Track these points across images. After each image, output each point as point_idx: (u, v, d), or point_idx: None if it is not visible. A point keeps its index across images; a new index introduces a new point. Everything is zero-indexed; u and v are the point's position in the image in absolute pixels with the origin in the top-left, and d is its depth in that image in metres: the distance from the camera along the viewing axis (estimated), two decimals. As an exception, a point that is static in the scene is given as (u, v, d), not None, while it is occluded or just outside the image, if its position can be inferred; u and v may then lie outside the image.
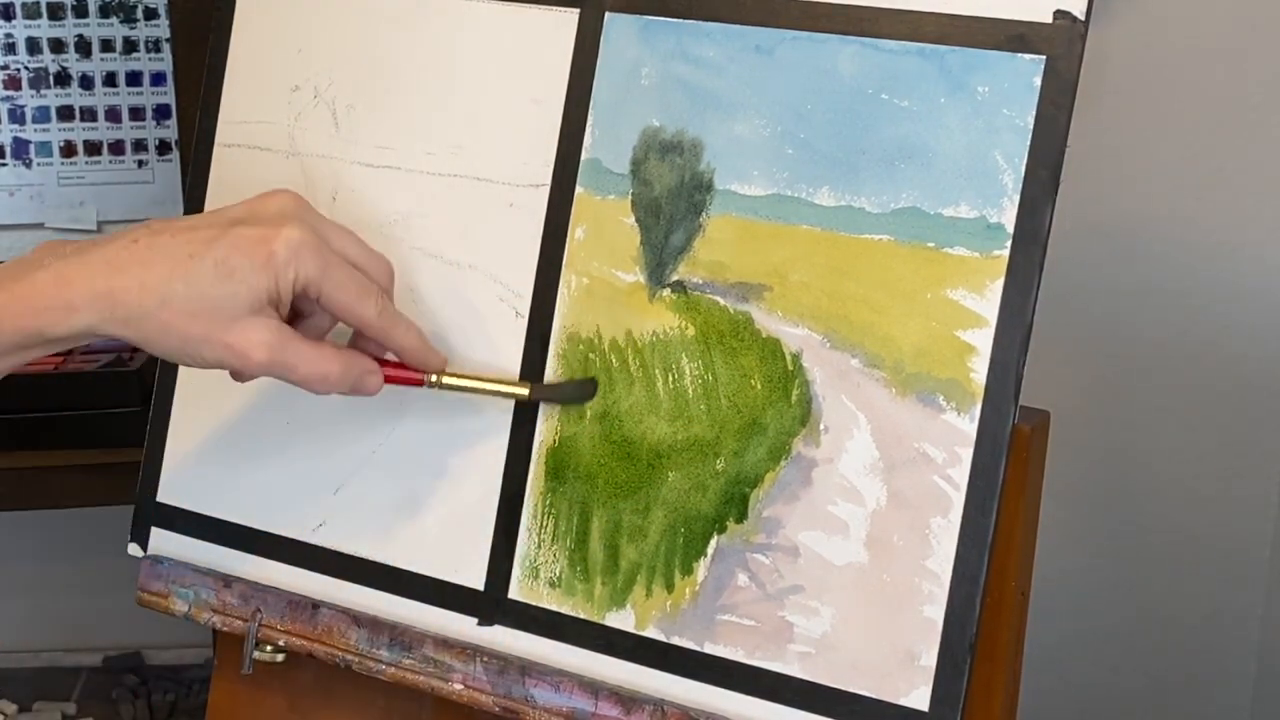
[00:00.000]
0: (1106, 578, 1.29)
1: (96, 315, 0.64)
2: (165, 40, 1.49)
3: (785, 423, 0.70)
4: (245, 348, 0.65)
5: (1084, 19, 0.66)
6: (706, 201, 0.73)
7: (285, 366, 0.67)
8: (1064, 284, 1.11)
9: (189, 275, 0.64)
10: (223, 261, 0.64)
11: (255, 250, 0.65)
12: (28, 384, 1.22)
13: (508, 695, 0.75)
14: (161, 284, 0.64)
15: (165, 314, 0.64)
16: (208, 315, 0.64)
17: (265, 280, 0.65)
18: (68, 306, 0.63)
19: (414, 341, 0.71)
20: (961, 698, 0.66)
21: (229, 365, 0.66)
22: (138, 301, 0.64)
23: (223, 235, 0.65)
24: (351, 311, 0.69)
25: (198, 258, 0.64)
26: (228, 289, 0.64)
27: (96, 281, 0.64)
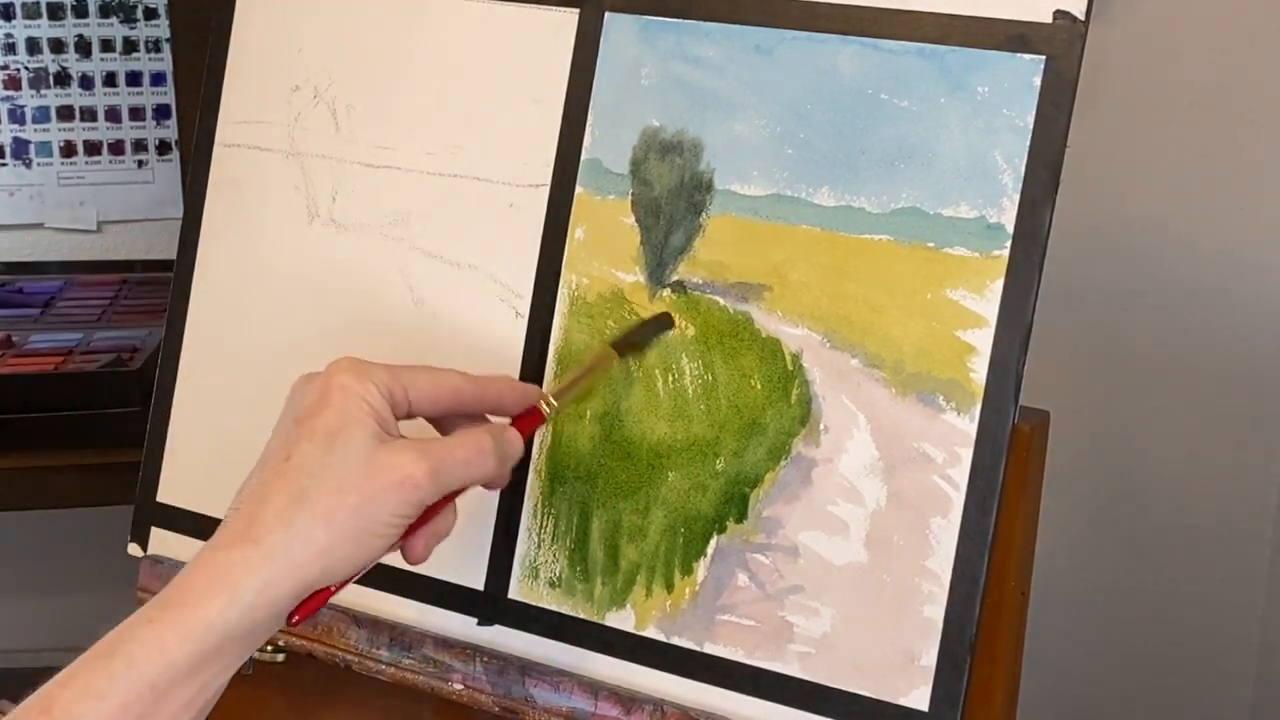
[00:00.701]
0: (1106, 578, 1.29)
1: (259, 574, 0.59)
2: (165, 40, 1.49)
3: (785, 423, 0.70)
4: (405, 472, 0.60)
5: (1084, 19, 0.66)
6: (706, 201, 0.73)
7: (449, 462, 0.62)
8: (1064, 284, 1.11)
9: (302, 468, 0.60)
10: (314, 434, 0.61)
11: (329, 401, 0.61)
12: (28, 384, 1.22)
13: (508, 695, 0.75)
14: (290, 497, 0.60)
15: (318, 512, 0.59)
16: (349, 479, 0.60)
17: (358, 410, 0.61)
18: (230, 587, 0.58)
19: (509, 382, 0.69)
20: (961, 698, 0.66)
21: (407, 506, 0.61)
22: (285, 526, 0.59)
23: (296, 425, 0.62)
24: (441, 388, 0.65)
25: (295, 454, 0.61)
26: (341, 445, 0.61)
27: (235, 550, 0.59)
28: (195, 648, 0.57)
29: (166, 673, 0.57)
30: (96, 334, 1.33)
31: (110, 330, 1.35)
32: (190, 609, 0.58)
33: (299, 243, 0.83)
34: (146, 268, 1.52)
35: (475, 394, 0.67)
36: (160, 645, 0.57)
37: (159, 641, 0.57)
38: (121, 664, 0.57)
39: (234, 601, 0.58)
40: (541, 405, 0.69)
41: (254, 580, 0.59)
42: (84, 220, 1.53)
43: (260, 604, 0.59)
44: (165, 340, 0.86)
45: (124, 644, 0.57)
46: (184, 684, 0.58)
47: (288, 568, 0.59)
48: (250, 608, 0.58)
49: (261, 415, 0.83)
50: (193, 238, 0.86)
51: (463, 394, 0.66)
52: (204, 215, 0.86)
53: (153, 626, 0.58)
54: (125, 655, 0.57)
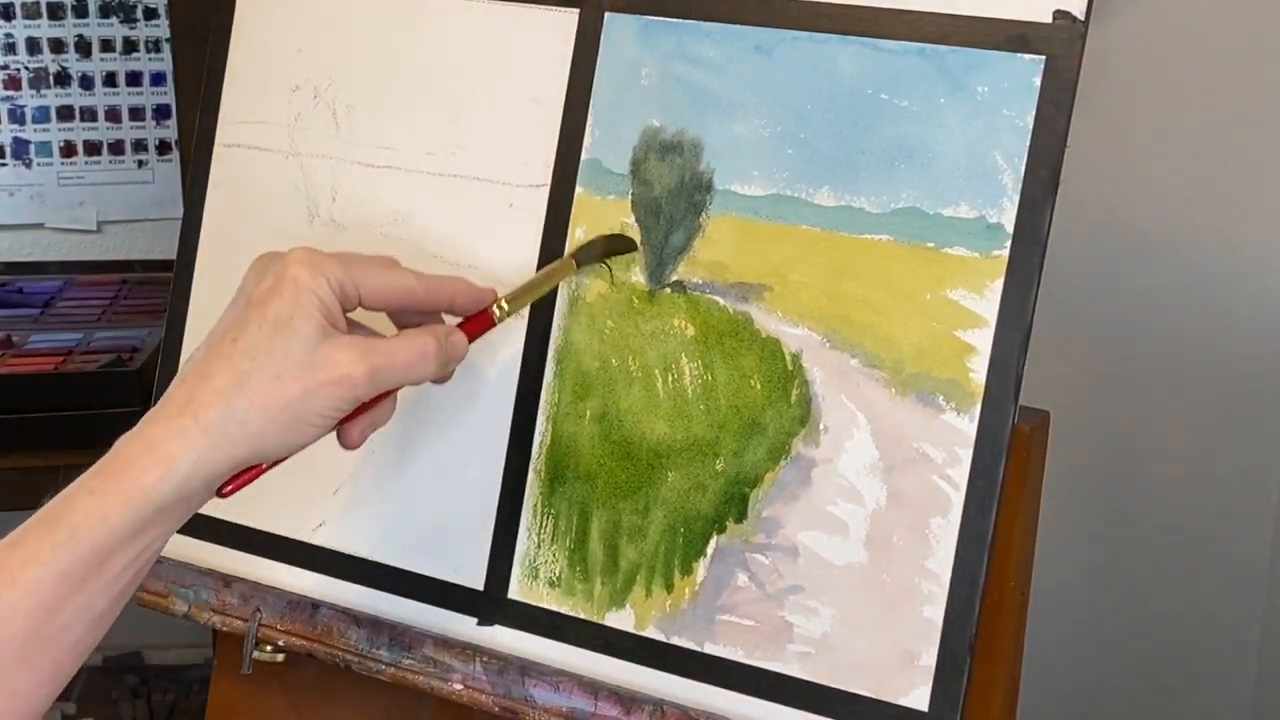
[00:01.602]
0: (1106, 578, 1.29)
1: (195, 448, 0.61)
2: (165, 40, 1.50)
3: (785, 423, 0.70)
4: (344, 370, 0.62)
5: (1084, 19, 0.66)
6: (706, 201, 0.73)
7: (388, 364, 0.64)
8: (1064, 284, 1.11)
9: (247, 351, 0.62)
10: (264, 321, 0.62)
11: (280, 290, 0.63)
12: (28, 384, 1.22)
13: (507, 695, 0.75)
14: (231, 378, 0.62)
15: (255, 397, 0.61)
16: (289, 368, 0.62)
17: (308, 303, 0.63)
18: (166, 460, 0.61)
19: (459, 284, 0.69)
20: (961, 698, 0.66)
21: (342, 401, 0.63)
22: (224, 405, 0.61)
23: (246, 308, 0.63)
24: (393, 286, 0.67)
25: (242, 336, 0.62)
26: (286, 335, 0.62)
27: (174, 422, 0.61)
28: (135, 515, 0.60)
29: (107, 540, 0.60)
30: (96, 334, 1.33)
31: (110, 330, 1.35)
32: (130, 479, 0.60)
33: (299, 243, 0.82)
34: (146, 268, 1.52)
35: (427, 294, 0.68)
36: (101, 514, 0.60)
37: (100, 511, 0.60)
38: (64, 533, 0.60)
39: (170, 474, 0.61)
40: (493, 309, 0.70)
41: (190, 454, 0.61)
42: (84, 220, 1.53)
43: (195, 475, 0.61)
44: (165, 340, 0.86)
45: (66, 513, 0.60)
46: (123, 549, 0.61)
47: (222, 445, 0.61)
48: (185, 478, 0.61)
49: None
50: (193, 238, 0.86)
51: (415, 293, 0.67)
52: (204, 215, 0.86)
53: (94, 497, 0.60)
54: (68, 524, 0.60)
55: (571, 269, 0.73)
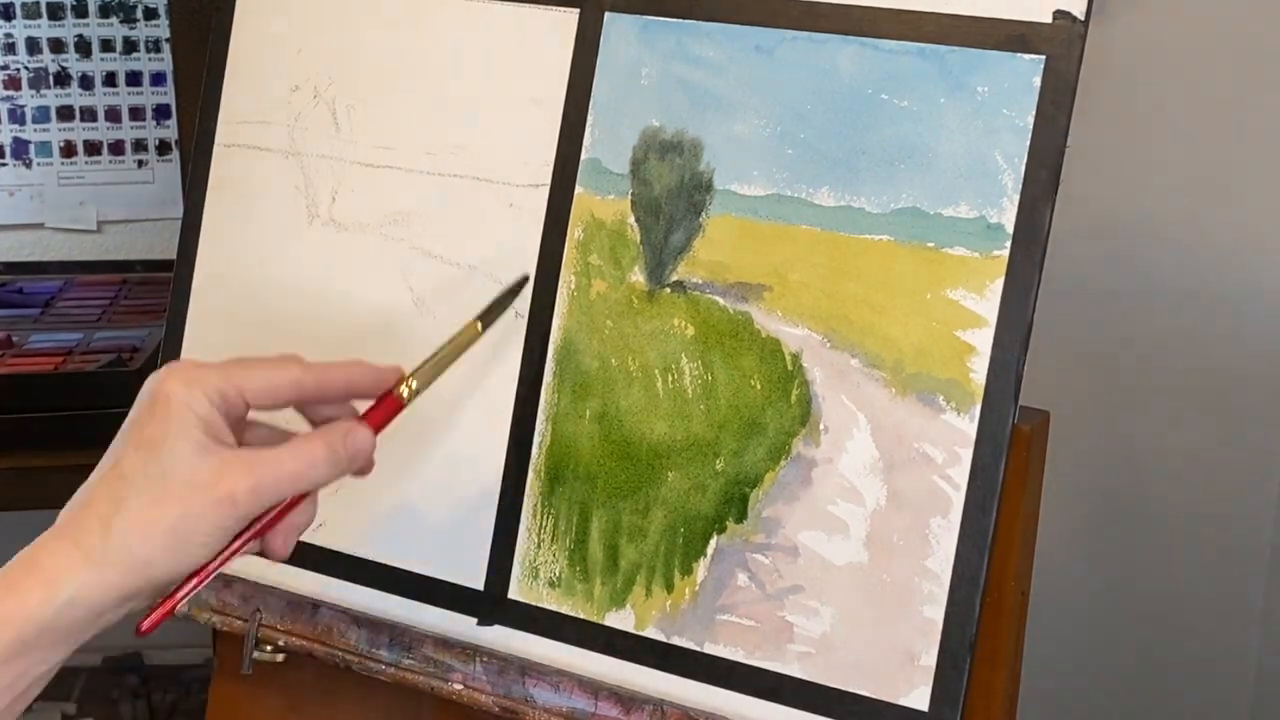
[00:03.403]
0: (1106, 577, 1.29)
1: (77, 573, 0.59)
2: (165, 40, 1.50)
3: (785, 423, 0.70)
4: (224, 490, 0.60)
5: (1084, 19, 0.66)
6: (706, 201, 0.73)
7: (273, 478, 0.61)
8: (1064, 284, 1.11)
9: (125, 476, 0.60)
10: (141, 444, 0.60)
11: (154, 410, 0.61)
12: (28, 384, 1.22)
13: (507, 695, 0.75)
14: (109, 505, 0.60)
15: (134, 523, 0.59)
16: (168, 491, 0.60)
17: (182, 420, 0.60)
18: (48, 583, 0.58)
19: (355, 369, 0.66)
20: (961, 697, 0.66)
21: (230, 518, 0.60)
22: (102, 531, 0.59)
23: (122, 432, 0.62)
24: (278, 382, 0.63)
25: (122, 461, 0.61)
26: (163, 457, 0.60)
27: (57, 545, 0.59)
28: (13, 635, 0.58)
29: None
30: (96, 334, 1.33)
31: (110, 330, 1.35)
32: (11, 599, 0.59)
33: (299, 243, 0.83)
34: (146, 268, 1.52)
35: (317, 386, 0.64)
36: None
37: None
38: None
39: (51, 598, 0.59)
40: (399, 391, 0.66)
41: (72, 580, 0.59)
42: (84, 220, 1.53)
43: (78, 602, 0.59)
44: (165, 340, 0.86)
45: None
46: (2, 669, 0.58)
47: (105, 572, 0.59)
48: (68, 604, 0.59)
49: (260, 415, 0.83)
50: (193, 238, 0.86)
51: (303, 387, 0.64)
52: (204, 215, 0.86)
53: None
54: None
55: (476, 331, 0.71)
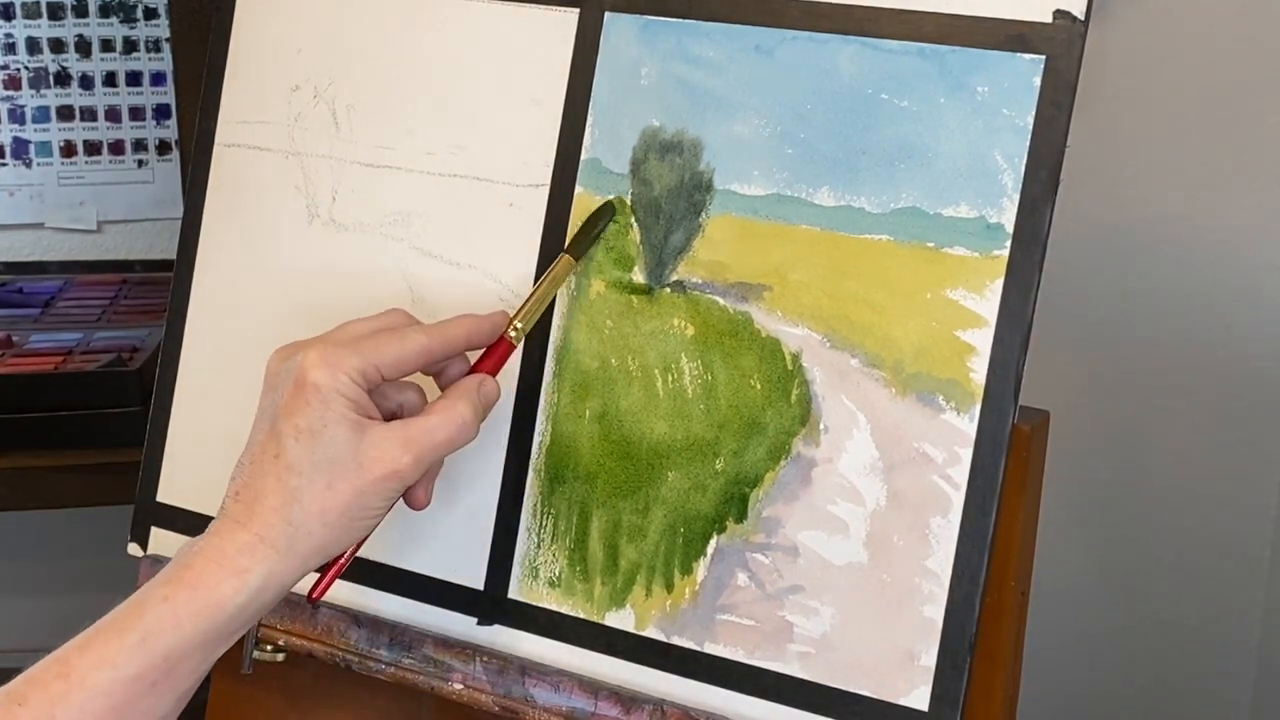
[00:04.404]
0: (1106, 577, 1.29)
1: (265, 562, 0.63)
2: (165, 40, 1.49)
3: (785, 422, 0.70)
4: (390, 467, 0.64)
5: (1084, 19, 0.66)
6: (706, 201, 0.73)
7: (431, 445, 0.65)
8: (1064, 284, 1.11)
9: (292, 467, 0.63)
10: (299, 434, 0.63)
11: (305, 398, 0.64)
12: (28, 384, 1.22)
13: (507, 695, 0.75)
14: (284, 495, 0.63)
15: (311, 508, 0.63)
16: (337, 475, 0.63)
17: (337, 406, 0.64)
18: (239, 573, 0.63)
19: (469, 323, 0.70)
20: (961, 697, 0.66)
21: (394, 492, 0.65)
22: (283, 522, 0.63)
23: (274, 421, 0.64)
24: (408, 354, 0.67)
25: (283, 452, 0.64)
26: (325, 444, 0.63)
27: (240, 538, 0.63)
28: (208, 624, 0.62)
29: (179, 646, 0.62)
30: (96, 334, 1.33)
31: (110, 330, 1.35)
32: (204, 591, 0.62)
33: (299, 243, 0.83)
34: (146, 268, 1.52)
35: (442, 346, 0.68)
36: (175, 622, 0.62)
37: (174, 618, 0.62)
38: (136, 637, 0.61)
39: (243, 588, 0.63)
40: (508, 333, 0.71)
41: (261, 568, 0.63)
42: (84, 220, 1.53)
43: (266, 589, 0.63)
44: (165, 340, 0.86)
45: (140, 619, 0.62)
46: (194, 654, 0.63)
47: (289, 557, 0.64)
48: (258, 591, 0.63)
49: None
50: (193, 238, 0.86)
51: (431, 351, 0.68)
52: (204, 215, 0.86)
53: (168, 604, 0.62)
54: (140, 629, 0.61)
55: (571, 265, 0.73)
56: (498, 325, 0.71)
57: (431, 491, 0.69)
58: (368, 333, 0.67)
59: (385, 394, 0.68)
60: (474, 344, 0.70)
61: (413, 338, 0.67)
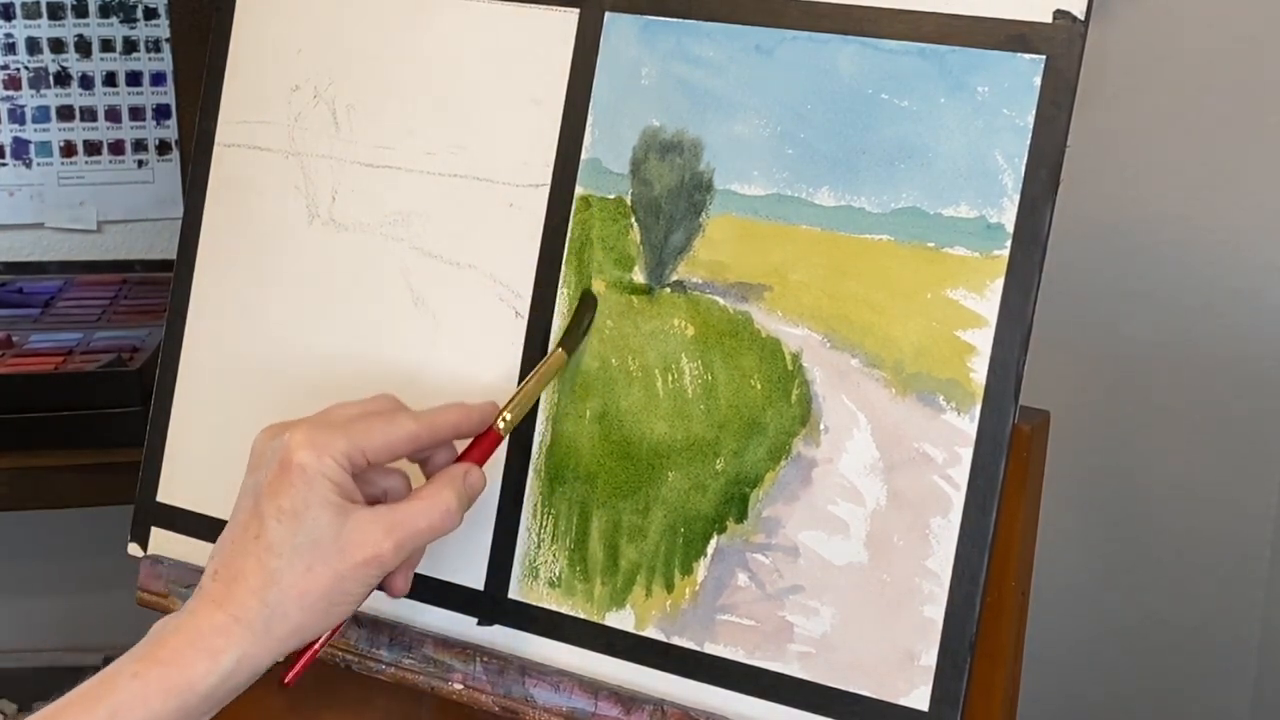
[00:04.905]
0: (1106, 577, 1.29)
1: (239, 644, 0.62)
2: (165, 40, 1.49)
3: (785, 423, 0.70)
4: (372, 552, 0.64)
5: (1084, 19, 0.66)
6: (706, 201, 0.73)
7: (413, 533, 0.65)
8: (1064, 284, 1.11)
9: (272, 548, 0.63)
10: (281, 515, 0.63)
11: (290, 479, 0.63)
12: (28, 384, 1.22)
13: (507, 695, 0.75)
14: (263, 577, 0.63)
15: (290, 591, 0.63)
16: (318, 558, 0.63)
17: (321, 488, 0.64)
18: (212, 654, 0.62)
19: (458, 412, 0.70)
20: (961, 698, 0.66)
21: (374, 578, 0.65)
22: (260, 604, 0.63)
23: (257, 500, 0.64)
24: (396, 440, 0.66)
25: (264, 533, 0.63)
26: (307, 526, 0.63)
27: (215, 619, 0.63)
28: (178, 704, 0.62)
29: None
30: (96, 334, 1.33)
31: (110, 330, 1.35)
32: (175, 669, 0.62)
33: (299, 243, 0.83)
34: (146, 268, 1.52)
35: (431, 435, 0.68)
36: (144, 699, 0.61)
37: (143, 696, 0.61)
38: (104, 713, 0.61)
39: (215, 669, 0.62)
40: (497, 425, 0.70)
41: (234, 650, 0.63)
42: (84, 220, 1.53)
43: (240, 670, 0.63)
44: (165, 340, 0.86)
45: (108, 695, 0.61)
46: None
47: (264, 639, 0.63)
48: (230, 673, 0.63)
49: (261, 415, 0.83)
50: (193, 238, 0.86)
51: (418, 439, 0.68)
52: (204, 215, 0.86)
53: (137, 681, 0.61)
54: (109, 705, 0.61)
55: (563, 361, 0.73)
56: (486, 416, 0.70)
57: (410, 579, 0.69)
58: (356, 416, 0.67)
59: (370, 479, 0.68)
60: (462, 433, 0.70)
61: (401, 423, 0.67)
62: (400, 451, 0.67)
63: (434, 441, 0.69)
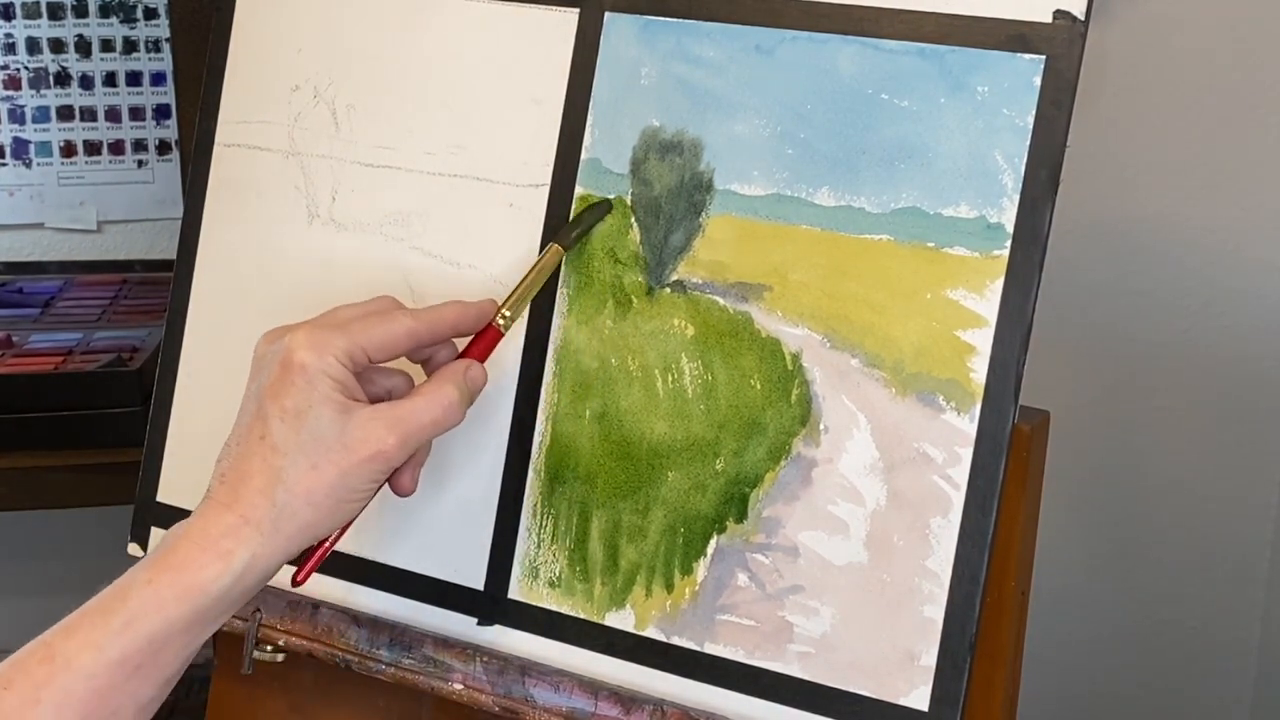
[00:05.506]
0: (1106, 577, 1.29)
1: (249, 544, 0.63)
2: (165, 40, 1.49)
3: (785, 423, 0.70)
4: (376, 448, 0.64)
5: (1084, 19, 0.66)
6: (706, 201, 0.73)
7: (416, 427, 0.65)
8: (1064, 284, 1.11)
9: (277, 448, 0.63)
10: (285, 414, 0.63)
11: (291, 379, 0.64)
12: (28, 384, 1.22)
13: (507, 695, 0.75)
14: (269, 476, 0.63)
15: (296, 489, 0.63)
16: (322, 455, 0.63)
17: (323, 386, 0.64)
18: (223, 555, 0.62)
19: (456, 309, 0.70)
20: (961, 698, 0.66)
21: (379, 474, 0.65)
22: (268, 503, 0.63)
23: (260, 402, 0.64)
24: (395, 336, 0.67)
25: (269, 433, 0.64)
26: (311, 424, 0.63)
27: (225, 520, 0.63)
28: (191, 608, 0.62)
29: (163, 629, 0.62)
30: (96, 334, 1.33)
31: (110, 330, 1.35)
32: (188, 573, 0.62)
33: (299, 243, 0.83)
34: (146, 268, 1.52)
35: (429, 331, 0.68)
36: (159, 605, 0.62)
37: (157, 601, 0.62)
38: (120, 620, 0.61)
39: (227, 570, 0.62)
40: (496, 321, 0.71)
41: (245, 551, 0.63)
42: (84, 220, 1.53)
43: (250, 571, 0.63)
44: (165, 340, 0.86)
45: (123, 602, 0.62)
46: (178, 638, 0.62)
47: (274, 538, 0.63)
48: (241, 575, 0.63)
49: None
50: (193, 238, 0.86)
51: (417, 335, 0.68)
52: (204, 215, 0.86)
53: (151, 587, 0.62)
54: (125, 613, 0.61)
55: (560, 255, 0.73)
56: (485, 312, 0.71)
57: (418, 478, 0.69)
58: (356, 316, 0.67)
59: (372, 379, 0.69)
60: (461, 330, 0.70)
61: (400, 320, 0.67)
62: (400, 348, 0.67)
63: (433, 337, 0.69)
